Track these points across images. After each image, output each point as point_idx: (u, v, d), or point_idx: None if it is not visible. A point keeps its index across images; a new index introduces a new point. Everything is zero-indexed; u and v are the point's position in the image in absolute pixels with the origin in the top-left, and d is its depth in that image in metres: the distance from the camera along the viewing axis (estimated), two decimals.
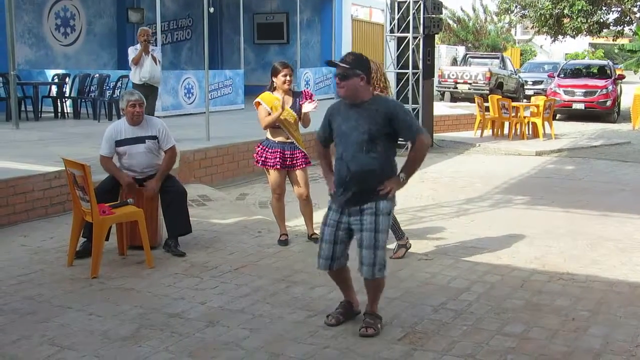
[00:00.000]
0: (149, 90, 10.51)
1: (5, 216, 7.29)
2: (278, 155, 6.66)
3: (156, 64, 10.79)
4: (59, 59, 18.24)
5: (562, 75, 22.78)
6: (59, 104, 14.99)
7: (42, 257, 6.27)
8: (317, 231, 6.80)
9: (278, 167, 6.67)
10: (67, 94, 15.31)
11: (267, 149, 6.72)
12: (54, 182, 7.77)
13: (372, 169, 4.46)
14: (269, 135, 6.76)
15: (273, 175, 6.76)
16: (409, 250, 6.54)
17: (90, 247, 5.93)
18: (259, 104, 6.70)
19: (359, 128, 4.45)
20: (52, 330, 4.61)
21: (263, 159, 6.73)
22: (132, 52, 10.81)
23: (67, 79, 15.45)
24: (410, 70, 14.15)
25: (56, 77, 15.70)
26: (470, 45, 37.86)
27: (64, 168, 6.20)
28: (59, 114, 14.90)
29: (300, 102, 6.69)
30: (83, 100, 15.16)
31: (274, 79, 6.70)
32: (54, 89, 15.36)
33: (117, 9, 19.93)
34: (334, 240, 4.60)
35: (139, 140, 6.48)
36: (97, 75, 14.96)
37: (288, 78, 6.67)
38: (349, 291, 4.88)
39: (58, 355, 4.25)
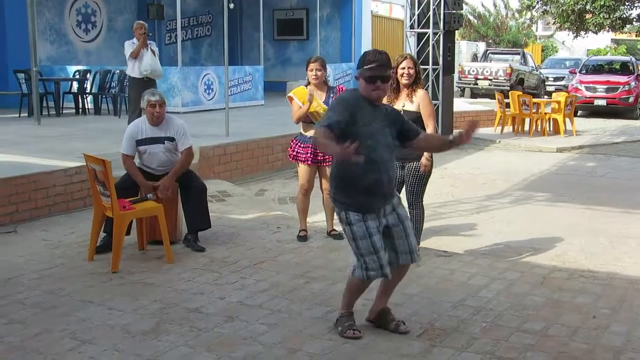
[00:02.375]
0: (148, 85, 10.37)
1: (27, 211, 7.35)
2: (310, 151, 6.65)
3: (155, 56, 10.78)
4: (80, 55, 18.37)
5: (584, 72, 22.60)
6: (80, 100, 15.08)
7: (63, 252, 6.32)
8: (337, 228, 6.84)
9: (309, 162, 6.66)
10: (88, 90, 15.41)
11: (299, 144, 6.72)
12: (75, 177, 7.82)
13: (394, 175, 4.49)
14: (302, 130, 6.76)
15: (303, 169, 6.76)
16: (427, 247, 6.52)
17: (111, 242, 5.97)
18: (291, 98, 6.71)
19: (385, 131, 4.27)
20: (73, 325, 4.65)
21: (295, 153, 6.74)
22: (130, 46, 10.78)
23: (88, 75, 15.54)
24: (430, 66, 14.10)
25: (77, 73, 15.81)
26: (490, 41, 37.65)
27: (84, 163, 6.24)
28: (80, 109, 15.00)
29: (333, 98, 6.63)
30: (104, 96, 15.26)
31: (307, 73, 6.72)
32: (75, 85, 15.47)
33: (137, 5, 20.03)
34: (384, 246, 4.34)
35: (158, 140, 6.49)
36: (118, 71, 15.03)
37: (315, 72, 6.63)
38: (386, 297, 4.68)
39: (79, 349, 4.29)
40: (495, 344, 4.38)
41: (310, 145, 6.63)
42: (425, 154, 6.11)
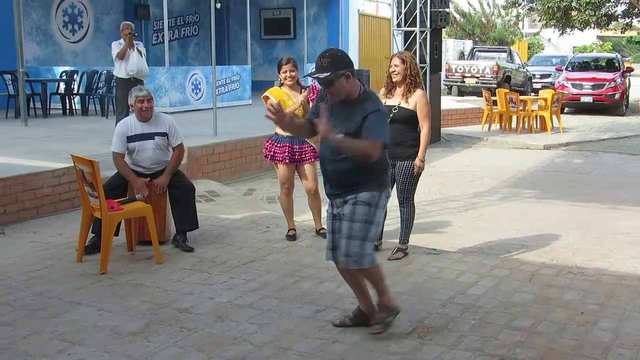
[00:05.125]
0: (135, 85, 10.30)
1: (14, 213, 7.32)
2: (287, 150, 6.66)
3: (142, 57, 10.75)
4: (67, 56, 18.28)
5: (570, 69, 22.69)
6: (67, 100, 15.02)
7: (51, 253, 6.30)
8: (325, 226, 6.84)
9: (287, 161, 6.68)
10: (75, 91, 15.34)
11: (275, 144, 6.72)
12: (63, 178, 7.80)
13: (346, 170, 4.31)
14: (277, 130, 6.75)
15: (282, 169, 6.77)
16: (416, 245, 6.54)
17: (99, 242, 5.96)
18: (267, 98, 6.71)
19: (335, 129, 4.17)
20: (62, 326, 4.64)
21: (272, 153, 6.74)
22: (117, 46, 10.75)
23: (75, 76, 15.48)
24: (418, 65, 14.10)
25: (64, 74, 15.73)
26: (477, 39, 37.74)
27: (72, 164, 6.22)
28: (67, 110, 14.93)
29: (310, 97, 6.63)
30: (91, 96, 15.20)
31: (279, 74, 6.73)
32: (62, 85, 15.39)
33: (124, 5, 19.96)
34: (332, 230, 4.52)
35: (148, 136, 6.51)
36: (105, 71, 14.97)
37: (289, 74, 6.66)
38: (362, 298, 4.66)
39: (68, 350, 4.28)
40: (485, 341, 4.40)
41: (287, 145, 6.63)
42: (419, 154, 6.12)
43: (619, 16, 25.52)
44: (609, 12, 24.78)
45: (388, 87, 6.26)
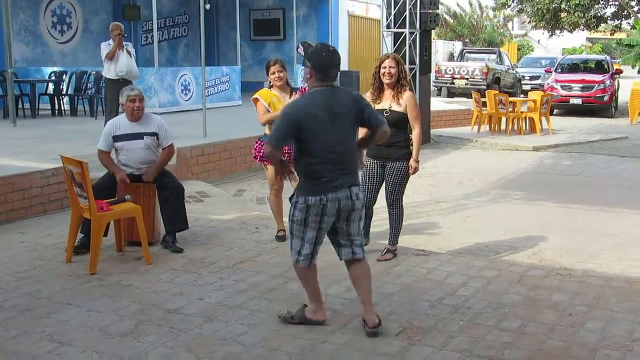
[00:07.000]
0: (124, 86, 10.28)
1: (3, 213, 7.30)
2: None
3: (131, 57, 10.72)
4: (56, 56, 18.22)
5: (560, 70, 22.78)
6: (56, 101, 14.97)
7: (40, 254, 6.28)
8: None
9: None
10: (64, 92, 15.28)
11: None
12: (52, 179, 7.78)
13: None
14: (267, 131, 6.76)
15: (271, 170, 6.77)
16: (405, 246, 6.56)
17: (89, 242, 5.95)
18: (257, 100, 6.72)
19: None
20: (52, 326, 4.63)
21: (261, 154, 6.74)
22: (106, 47, 10.71)
23: (64, 77, 15.42)
24: (407, 66, 14.14)
25: (53, 74, 15.67)
26: (467, 40, 37.85)
27: (61, 165, 6.21)
28: (56, 111, 14.89)
29: None
30: (80, 97, 15.14)
31: (268, 76, 6.74)
32: (51, 86, 15.34)
33: (113, 6, 19.91)
34: None
35: (137, 136, 6.50)
36: (94, 72, 14.92)
37: (277, 74, 6.67)
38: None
39: (57, 350, 4.27)
40: (473, 342, 4.42)
41: None
42: (414, 155, 6.12)
43: (609, 18, 25.67)
44: (598, 14, 24.93)
45: (376, 91, 6.23)
